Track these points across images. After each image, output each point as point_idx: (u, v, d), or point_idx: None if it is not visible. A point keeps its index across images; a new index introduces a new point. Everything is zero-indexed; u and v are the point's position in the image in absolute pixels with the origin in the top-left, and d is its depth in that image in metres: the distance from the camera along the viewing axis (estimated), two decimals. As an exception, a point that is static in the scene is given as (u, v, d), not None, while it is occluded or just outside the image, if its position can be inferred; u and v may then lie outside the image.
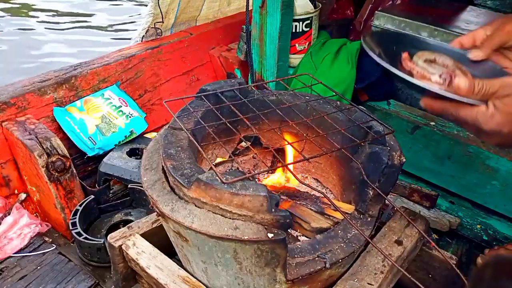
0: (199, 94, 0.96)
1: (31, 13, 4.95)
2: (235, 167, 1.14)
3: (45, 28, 4.67)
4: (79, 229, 1.29)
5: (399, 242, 0.89)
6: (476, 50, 0.84)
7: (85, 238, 1.27)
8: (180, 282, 0.85)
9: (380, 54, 0.92)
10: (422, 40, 1.08)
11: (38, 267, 1.28)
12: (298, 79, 1.11)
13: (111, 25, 4.82)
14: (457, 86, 0.77)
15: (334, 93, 1.04)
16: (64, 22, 4.81)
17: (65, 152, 1.37)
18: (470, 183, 1.42)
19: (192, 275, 0.87)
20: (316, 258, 0.72)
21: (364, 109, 0.98)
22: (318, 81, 1.08)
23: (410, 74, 0.87)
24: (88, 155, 1.53)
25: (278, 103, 1.01)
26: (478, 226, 1.45)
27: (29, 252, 1.33)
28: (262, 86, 1.12)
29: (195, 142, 0.82)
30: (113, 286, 1.01)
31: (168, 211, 0.73)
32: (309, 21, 1.70)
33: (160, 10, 1.89)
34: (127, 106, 1.66)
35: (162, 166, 0.84)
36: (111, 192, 1.51)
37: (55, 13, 5.02)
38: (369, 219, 0.80)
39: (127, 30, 4.65)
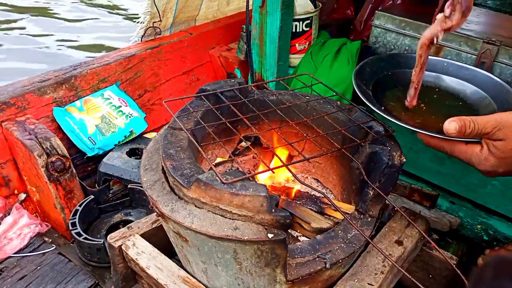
0: (199, 94, 0.96)
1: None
2: (235, 167, 1.14)
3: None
4: (79, 229, 1.29)
5: (399, 242, 0.89)
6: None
7: (85, 238, 1.27)
8: (180, 283, 0.85)
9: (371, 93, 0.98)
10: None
11: (38, 267, 1.28)
12: (298, 79, 1.11)
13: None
14: (446, 130, 0.77)
15: (334, 93, 1.04)
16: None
17: (65, 152, 1.37)
18: (470, 183, 1.42)
19: (192, 276, 0.87)
20: (316, 259, 0.72)
21: (365, 109, 0.98)
22: (318, 81, 1.08)
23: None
24: (88, 155, 1.53)
25: (278, 103, 1.01)
26: (479, 226, 1.45)
27: (29, 252, 1.33)
28: (262, 86, 1.12)
29: (195, 142, 0.82)
30: (113, 286, 1.01)
31: (168, 211, 0.73)
32: (309, 21, 1.69)
33: (157, 8, 1.88)
34: (126, 106, 1.66)
35: (162, 166, 0.84)
36: (111, 192, 1.50)
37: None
38: (369, 219, 0.80)
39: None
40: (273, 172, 1.11)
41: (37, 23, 4.77)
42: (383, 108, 0.93)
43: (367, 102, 0.92)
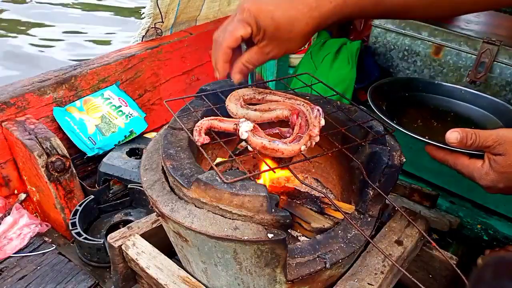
0: (199, 94, 0.96)
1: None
2: (235, 167, 1.14)
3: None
4: (79, 229, 1.29)
5: (399, 242, 0.89)
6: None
7: (85, 238, 1.27)
8: (180, 283, 0.85)
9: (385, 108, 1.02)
10: (436, 84, 1.15)
11: (38, 267, 1.28)
12: (298, 78, 1.11)
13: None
14: (447, 139, 0.79)
15: (334, 93, 1.04)
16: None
17: (65, 152, 1.37)
18: (470, 183, 1.40)
19: (192, 276, 0.87)
20: (316, 258, 0.72)
21: (365, 108, 0.98)
22: (318, 80, 1.08)
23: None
24: (88, 155, 1.53)
25: (278, 103, 1.01)
26: (479, 226, 1.45)
27: (29, 252, 1.33)
28: (262, 85, 1.12)
29: (195, 142, 0.82)
30: (113, 286, 1.01)
31: (167, 211, 0.73)
32: (309, 21, 1.69)
33: (160, 10, 1.88)
34: (126, 106, 1.66)
35: (162, 166, 0.84)
36: (111, 192, 1.50)
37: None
38: (369, 219, 0.80)
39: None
40: (274, 172, 1.11)
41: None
42: (394, 121, 0.96)
43: (378, 113, 0.94)
